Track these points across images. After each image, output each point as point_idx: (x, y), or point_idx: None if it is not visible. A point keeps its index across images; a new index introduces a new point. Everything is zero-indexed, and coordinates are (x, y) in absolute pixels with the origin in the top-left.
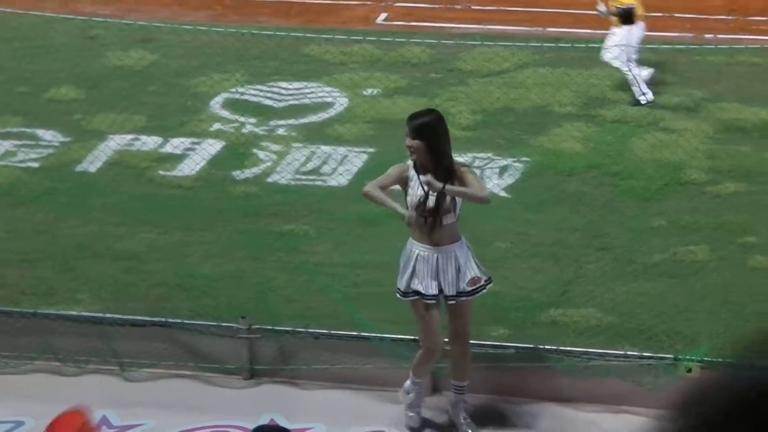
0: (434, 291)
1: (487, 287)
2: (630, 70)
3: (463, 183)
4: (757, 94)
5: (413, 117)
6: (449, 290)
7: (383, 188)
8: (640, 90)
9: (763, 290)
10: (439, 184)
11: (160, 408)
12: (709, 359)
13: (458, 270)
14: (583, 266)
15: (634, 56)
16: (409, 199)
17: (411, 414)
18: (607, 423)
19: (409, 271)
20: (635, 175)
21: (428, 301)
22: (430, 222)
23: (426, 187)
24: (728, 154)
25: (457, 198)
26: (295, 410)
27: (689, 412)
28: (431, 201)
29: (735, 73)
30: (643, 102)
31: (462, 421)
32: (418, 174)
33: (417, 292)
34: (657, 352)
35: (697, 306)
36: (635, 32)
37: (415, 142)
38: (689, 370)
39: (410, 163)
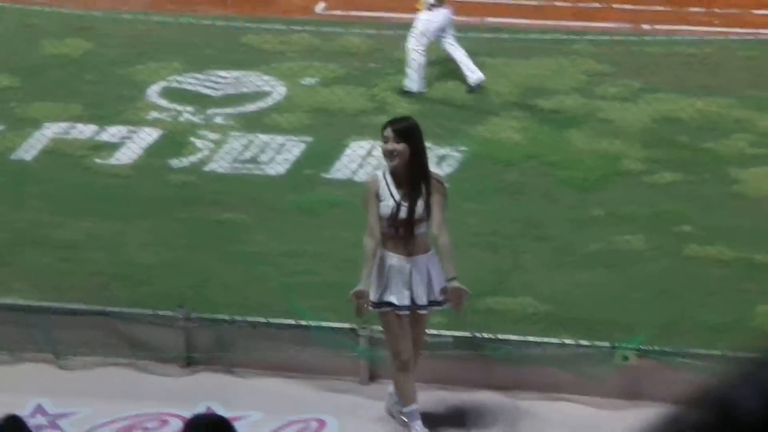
0: (407, 302)
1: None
2: (417, 55)
3: (431, 198)
4: (693, 84)
5: (395, 121)
6: (421, 300)
7: (377, 225)
8: (417, 79)
9: (698, 279)
10: (464, 290)
11: (96, 396)
12: (645, 348)
13: (429, 280)
14: (521, 256)
15: (427, 42)
16: (381, 210)
17: None
18: (544, 411)
19: (382, 282)
20: (573, 165)
21: (401, 313)
22: (403, 232)
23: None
24: (665, 144)
25: (429, 207)
26: (232, 398)
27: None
28: (403, 211)
29: (672, 64)
30: (471, 82)
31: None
32: (388, 182)
33: (390, 304)
34: (594, 341)
35: (633, 295)
36: (436, 18)
37: (400, 146)
38: (626, 359)
39: (379, 173)
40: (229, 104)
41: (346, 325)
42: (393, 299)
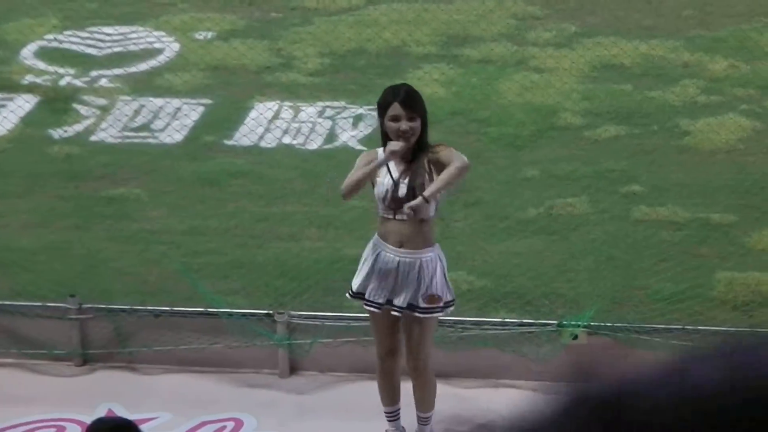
0: (380, 299)
1: (446, 310)
2: None
3: (441, 166)
4: (636, 25)
5: (400, 93)
6: (400, 301)
7: (361, 184)
8: None
9: (648, 244)
10: (419, 201)
11: None
12: (595, 324)
13: (419, 282)
14: (450, 224)
15: None
16: (376, 189)
17: None
18: (486, 398)
19: (366, 268)
20: (504, 120)
21: (370, 308)
22: (408, 216)
23: (411, 213)
24: (607, 94)
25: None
26: (135, 399)
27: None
28: (403, 189)
29: (611, 4)
30: None
31: None
32: (386, 159)
33: (364, 296)
34: (538, 318)
35: (578, 264)
36: None
37: (415, 123)
38: (575, 337)
39: (379, 150)
40: (116, 64)
41: (261, 311)
42: (368, 291)
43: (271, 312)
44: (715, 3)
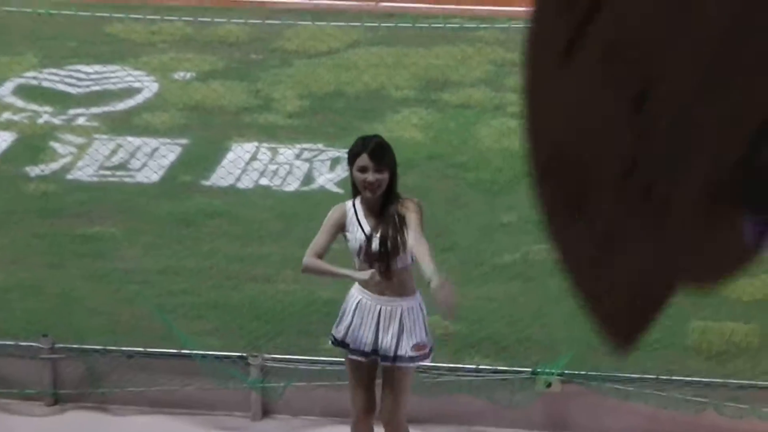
0: (366, 348)
1: (430, 356)
2: None
3: (404, 221)
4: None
5: (369, 145)
6: (387, 350)
7: (323, 250)
8: None
9: None
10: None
11: None
12: (569, 372)
13: (401, 330)
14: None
15: None
16: (349, 244)
17: None
18: None
19: (348, 319)
20: (482, 165)
21: (354, 358)
22: (379, 267)
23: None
24: None
25: (407, 231)
26: None
27: None
28: (376, 243)
29: None
30: None
31: None
32: (357, 212)
33: (347, 346)
34: (512, 365)
35: (554, 311)
36: None
37: (383, 175)
38: (549, 385)
39: (348, 203)
40: (94, 103)
41: (235, 353)
42: (351, 340)
43: (245, 354)
44: None
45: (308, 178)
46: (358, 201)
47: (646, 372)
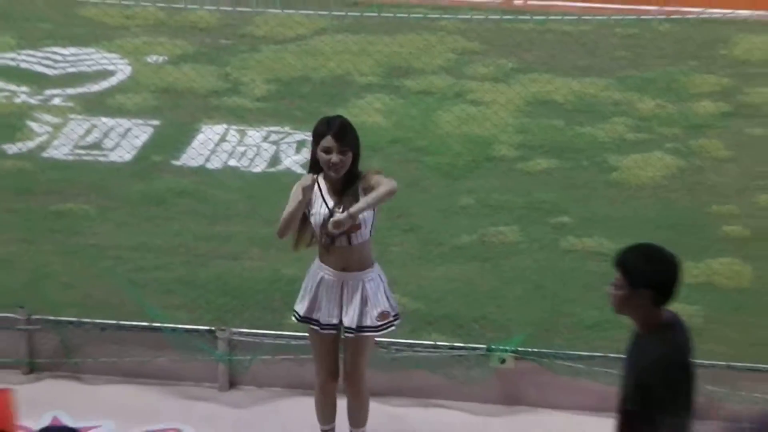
0: (334, 321)
1: (396, 323)
2: None
3: (367, 191)
4: (568, 64)
5: (333, 126)
6: (350, 322)
7: (295, 218)
8: None
9: (575, 274)
10: (344, 216)
11: None
12: (522, 349)
13: (365, 302)
14: (387, 248)
15: None
16: (312, 218)
17: None
18: (417, 417)
19: (310, 295)
20: (442, 150)
21: (324, 332)
22: (340, 241)
23: (334, 229)
24: (540, 128)
25: (365, 211)
26: (80, 407)
27: None
28: (337, 218)
29: (546, 42)
30: None
31: None
32: (321, 188)
33: (316, 321)
34: (468, 342)
35: (508, 291)
36: None
37: (347, 156)
38: (503, 361)
39: (315, 176)
40: (69, 84)
41: (203, 327)
42: (319, 316)
43: (212, 328)
44: (646, 45)
45: (275, 160)
46: (320, 177)
47: (595, 350)
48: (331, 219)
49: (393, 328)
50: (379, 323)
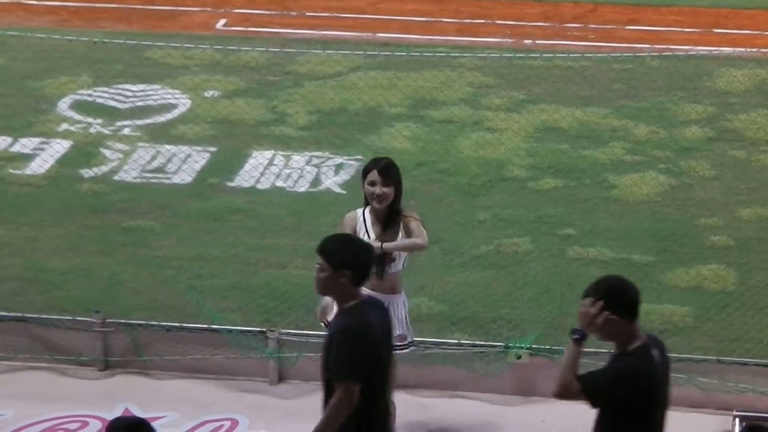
0: None
1: (408, 349)
2: None
3: (408, 232)
4: (572, 95)
5: (380, 163)
6: None
7: None
8: None
9: (580, 279)
10: (378, 243)
11: (18, 399)
12: (536, 346)
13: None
14: (415, 258)
15: None
16: None
17: None
18: (443, 407)
19: None
20: (461, 171)
21: None
22: (375, 270)
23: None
24: (547, 151)
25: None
26: (148, 400)
27: None
28: (377, 249)
29: (552, 77)
30: None
31: None
32: (365, 220)
33: None
34: (487, 340)
35: (521, 295)
36: None
37: (389, 189)
38: (519, 357)
39: (359, 211)
40: (137, 116)
41: (256, 328)
42: None
43: (263, 329)
44: (640, 78)
45: (316, 181)
46: (367, 210)
47: (600, 347)
48: (384, 246)
49: (406, 351)
50: (397, 344)
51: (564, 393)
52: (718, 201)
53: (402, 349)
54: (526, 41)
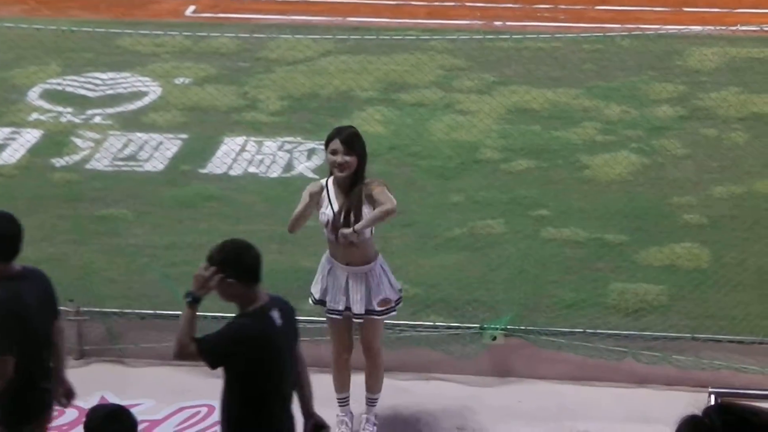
0: (340, 307)
1: (397, 307)
2: None
3: (373, 201)
4: (543, 76)
5: (342, 132)
6: (358, 309)
7: (303, 217)
8: None
9: (554, 260)
10: (349, 231)
11: None
12: (511, 327)
13: (369, 291)
14: (389, 241)
15: None
16: (320, 218)
17: (342, 429)
18: (420, 389)
19: (323, 282)
20: (434, 154)
21: (332, 315)
22: (342, 240)
23: (342, 240)
24: (520, 133)
25: (368, 213)
26: (124, 387)
27: None
28: (341, 218)
29: (523, 58)
30: None
31: (364, 428)
32: (329, 191)
33: (325, 304)
34: (463, 322)
35: (496, 276)
36: None
37: (350, 158)
38: (494, 338)
39: (322, 181)
40: (107, 104)
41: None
42: (327, 300)
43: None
44: (611, 58)
45: (289, 166)
46: (331, 180)
47: (575, 327)
48: (340, 232)
49: (395, 312)
50: (380, 309)
51: (181, 354)
52: (690, 180)
53: (390, 311)
54: (496, 23)
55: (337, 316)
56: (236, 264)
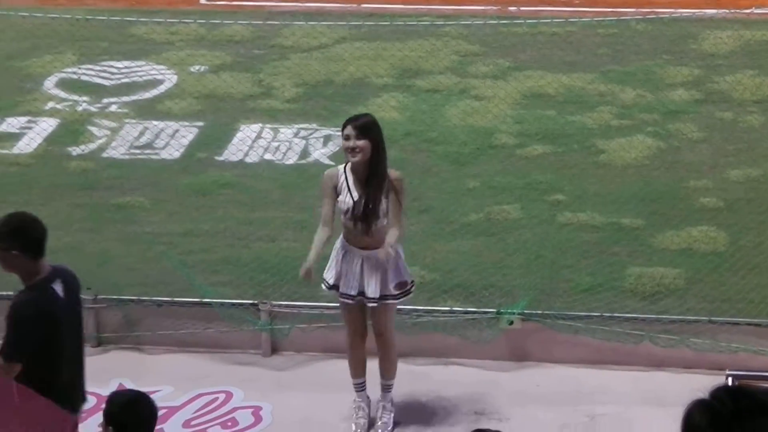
0: (353, 292)
1: (412, 290)
2: None
3: (389, 194)
4: (558, 61)
5: (355, 118)
6: (372, 293)
7: (330, 216)
8: None
9: (571, 244)
10: (391, 252)
11: None
12: (528, 311)
13: (384, 275)
14: (406, 228)
15: None
16: (339, 205)
17: (359, 414)
18: (438, 374)
19: (337, 266)
20: (449, 140)
21: (345, 300)
22: (361, 227)
23: (384, 258)
24: (535, 118)
25: (385, 204)
26: (142, 374)
27: None
28: (360, 207)
29: (538, 43)
30: None
31: (381, 415)
32: (347, 178)
33: (338, 288)
34: (479, 307)
35: (512, 261)
36: None
37: (362, 142)
38: (511, 323)
39: (340, 168)
40: (123, 93)
41: (247, 301)
42: (341, 285)
43: (255, 302)
44: (626, 43)
45: (304, 153)
46: (348, 168)
47: (592, 311)
48: (378, 252)
49: (411, 294)
50: (396, 292)
51: None
52: (706, 163)
53: (406, 294)
54: (510, 8)
55: (350, 301)
56: (22, 236)
